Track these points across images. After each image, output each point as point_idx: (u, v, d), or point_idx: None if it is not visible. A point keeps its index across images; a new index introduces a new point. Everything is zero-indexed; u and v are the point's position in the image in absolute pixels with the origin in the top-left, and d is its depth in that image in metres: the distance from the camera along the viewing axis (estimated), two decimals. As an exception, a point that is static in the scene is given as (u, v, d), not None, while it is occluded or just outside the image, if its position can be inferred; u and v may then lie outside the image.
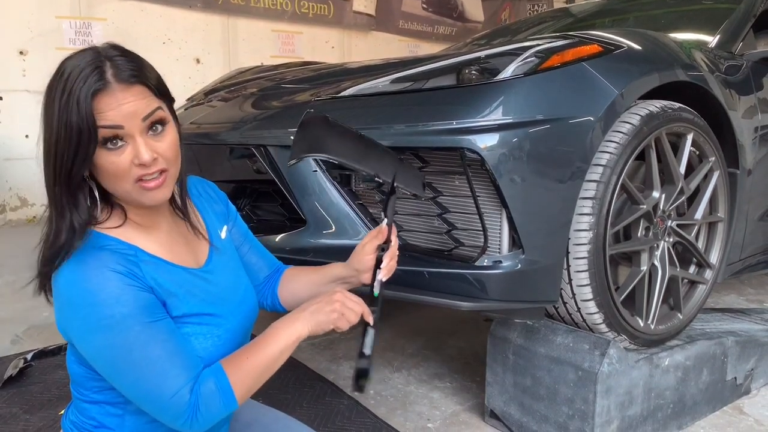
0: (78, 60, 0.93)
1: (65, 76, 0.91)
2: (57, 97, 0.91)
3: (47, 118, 0.93)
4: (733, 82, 2.11)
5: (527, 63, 1.57)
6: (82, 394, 1.08)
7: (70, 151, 0.91)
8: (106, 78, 0.92)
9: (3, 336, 2.62)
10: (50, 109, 0.92)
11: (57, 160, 0.92)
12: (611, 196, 1.61)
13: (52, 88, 0.93)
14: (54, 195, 0.95)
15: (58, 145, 0.91)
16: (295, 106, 1.84)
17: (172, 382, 0.95)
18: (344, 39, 7.32)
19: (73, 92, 0.90)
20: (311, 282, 1.30)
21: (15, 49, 5.25)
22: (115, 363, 0.95)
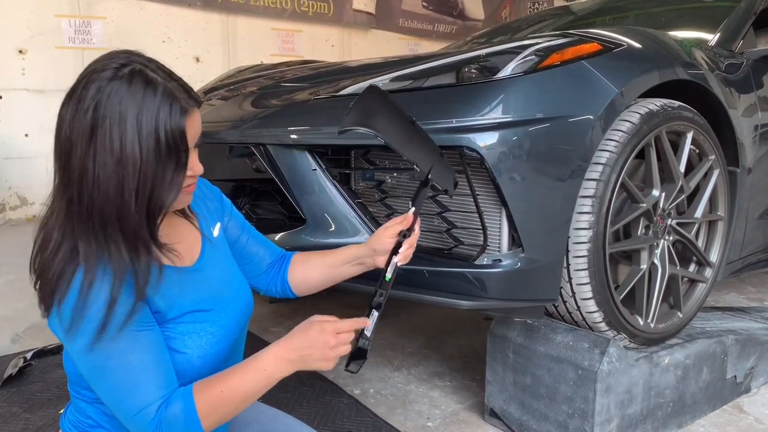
0: (136, 83, 0.91)
1: (131, 99, 0.90)
2: (132, 125, 0.89)
3: (111, 145, 0.89)
4: (733, 80, 2.11)
5: (527, 61, 1.57)
6: (80, 393, 1.08)
7: (164, 182, 0.92)
8: (183, 105, 0.93)
9: (3, 335, 2.61)
10: (121, 137, 0.89)
11: (143, 192, 0.91)
12: (611, 195, 1.61)
13: (107, 107, 0.89)
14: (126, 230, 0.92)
15: (144, 177, 0.90)
16: (294, 104, 1.84)
17: (141, 397, 0.94)
18: (344, 37, 7.31)
19: (161, 119, 0.90)
20: (325, 265, 1.29)
21: (14, 47, 5.25)
22: (93, 366, 0.95)
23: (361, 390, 2.11)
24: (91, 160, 0.89)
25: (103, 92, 0.90)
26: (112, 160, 0.89)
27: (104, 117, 0.89)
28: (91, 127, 0.89)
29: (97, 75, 0.91)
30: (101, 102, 0.89)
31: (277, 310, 2.92)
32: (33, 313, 2.87)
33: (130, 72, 0.92)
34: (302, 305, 2.95)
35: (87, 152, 0.89)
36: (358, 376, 2.21)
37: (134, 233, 0.92)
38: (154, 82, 0.92)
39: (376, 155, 1.69)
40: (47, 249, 0.94)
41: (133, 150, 0.89)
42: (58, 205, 0.96)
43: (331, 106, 1.73)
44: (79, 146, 0.90)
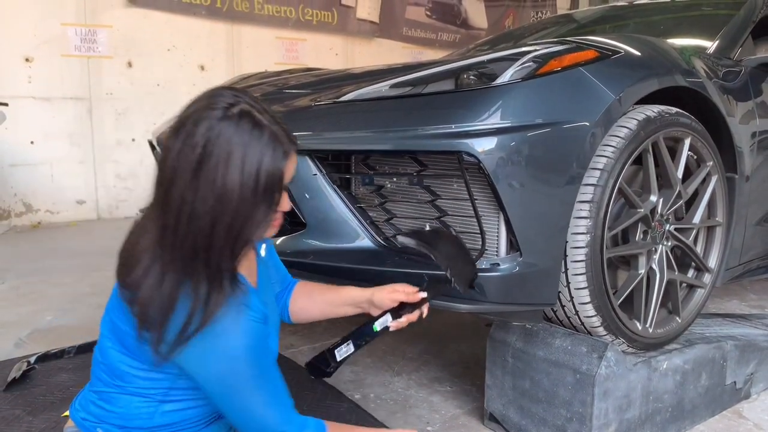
0: (244, 124, 0.95)
1: (242, 143, 0.94)
2: (236, 164, 0.94)
3: (214, 182, 0.94)
4: (731, 87, 2.12)
5: (525, 68, 1.59)
6: (119, 386, 1.10)
7: (255, 220, 0.97)
8: (285, 148, 0.99)
9: (7, 339, 2.63)
10: (225, 175, 0.94)
11: (234, 228, 0.96)
12: (608, 200, 1.62)
13: (218, 144, 0.94)
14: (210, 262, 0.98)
15: (238, 214, 0.95)
16: (295, 110, 1.86)
17: (282, 406, 1.08)
18: (348, 46, 7.36)
19: (263, 163, 0.95)
20: (325, 301, 1.36)
21: (21, 56, 5.30)
22: (227, 387, 1.02)
23: (361, 395, 2.12)
24: (192, 192, 0.94)
25: (212, 131, 0.94)
26: (212, 196, 0.94)
27: (211, 154, 0.94)
28: (197, 162, 0.94)
29: (207, 113, 0.96)
30: (210, 140, 0.94)
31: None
32: (36, 318, 2.91)
33: (239, 113, 0.96)
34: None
35: (189, 185, 0.94)
36: (358, 381, 2.22)
37: (217, 265, 0.98)
38: (261, 125, 0.97)
39: (376, 160, 1.71)
40: (136, 269, 0.99)
41: (234, 188, 0.94)
42: (151, 228, 1.00)
43: (332, 111, 1.75)
44: (182, 178, 0.95)
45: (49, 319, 2.88)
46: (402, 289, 1.31)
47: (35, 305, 3.10)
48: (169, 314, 0.97)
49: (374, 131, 1.61)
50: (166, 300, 0.97)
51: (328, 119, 1.73)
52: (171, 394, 1.09)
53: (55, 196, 5.61)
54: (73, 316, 2.93)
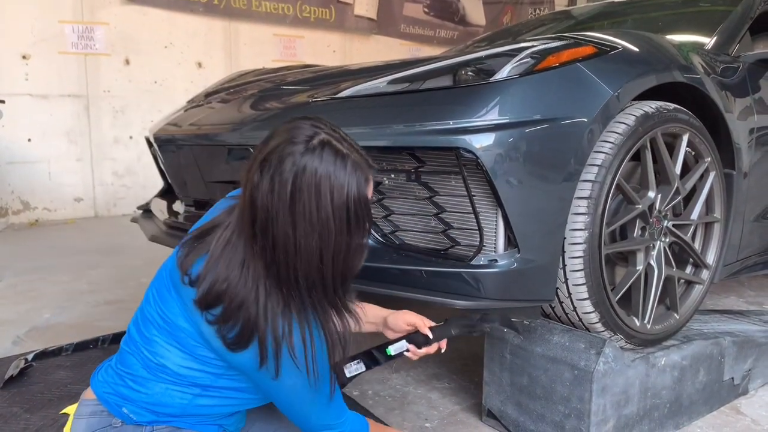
0: (327, 156, 0.99)
1: (327, 175, 0.98)
2: (326, 196, 0.98)
3: (310, 215, 0.98)
4: (729, 84, 2.12)
5: (523, 64, 1.58)
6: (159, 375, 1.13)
7: (354, 247, 1.03)
8: (366, 175, 1.03)
9: (4, 337, 2.63)
10: (318, 207, 0.98)
11: (339, 257, 1.02)
12: (606, 196, 1.62)
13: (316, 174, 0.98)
14: (327, 294, 1.05)
15: (339, 243, 1.01)
16: (293, 107, 1.85)
17: (335, 410, 1.19)
18: (346, 43, 7.35)
19: (351, 191, 0.99)
20: None
21: (18, 53, 5.29)
22: (296, 397, 1.12)
23: (359, 391, 2.12)
24: (292, 228, 0.98)
25: (298, 165, 0.98)
26: (312, 229, 0.98)
27: (301, 189, 0.97)
28: (290, 198, 0.97)
29: (290, 149, 0.99)
30: (297, 175, 0.97)
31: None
32: (34, 316, 2.91)
33: (320, 144, 1.00)
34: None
35: (288, 221, 0.98)
36: (357, 378, 2.21)
37: (333, 296, 1.05)
38: (343, 155, 1.00)
39: (373, 157, 1.70)
40: (250, 304, 1.03)
41: (329, 219, 0.98)
42: (251, 265, 1.04)
43: (329, 108, 1.75)
44: (281, 215, 0.98)
45: (46, 317, 2.87)
46: (419, 320, 1.37)
47: (33, 303, 3.09)
48: (281, 343, 1.04)
49: (372, 127, 1.60)
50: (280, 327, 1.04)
51: (326, 115, 1.70)
52: (209, 391, 1.14)
53: (53, 193, 5.60)
54: (71, 314, 2.92)
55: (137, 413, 1.13)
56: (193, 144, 2.00)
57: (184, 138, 2.01)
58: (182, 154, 2.15)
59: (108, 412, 1.14)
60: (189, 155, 2.04)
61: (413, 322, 1.35)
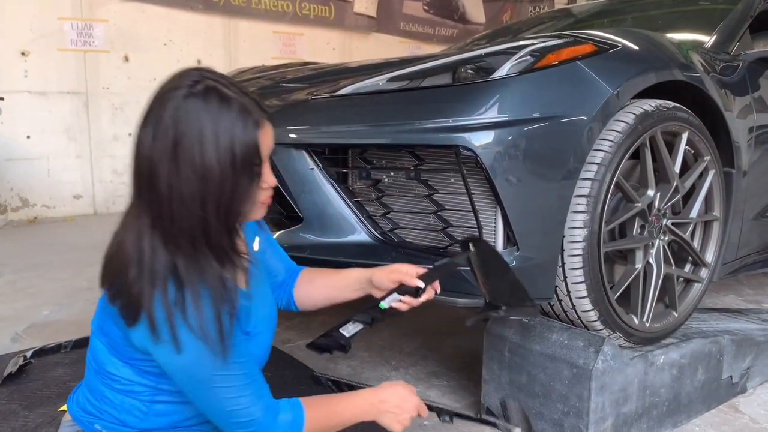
0: (211, 99, 0.94)
1: (211, 118, 0.93)
2: (210, 140, 0.93)
3: (192, 161, 0.93)
4: (728, 82, 2.12)
5: (522, 62, 1.58)
6: (109, 384, 1.09)
7: (239, 194, 0.96)
8: (256, 118, 0.97)
9: (3, 334, 2.63)
10: (201, 153, 0.93)
11: (222, 204, 0.95)
12: (606, 194, 1.62)
13: (188, 121, 0.93)
14: (212, 243, 0.97)
15: (223, 190, 0.94)
16: (292, 104, 1.85)
17: (245, 400, 1.02)
18: (345, 41, 7.34)
19: (236, 135, 0.94)
20: (328, 286, 1.35)
21: (17, 50, 5.27)
22: (196, 381, 1.00)
23: (358, 389, 2.12)
24: (176, 176, 0.93)
25: (180, 110, 0.93)
26: (194, 176, 0.93)
27: (183, 134, 0.93)
28: (173, 145, 0.93)
29: (172, 94, 0.95)
30: (180, 120, 0.93)
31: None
32: (33, 313, 2.90)
33: (205, 89, 0.95)
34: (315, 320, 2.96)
35: (171, 170, 0.93)
36: (355, 376, 2.22)
37: (218, 245, 0.97)
38: (228, 98, 0.95)
39: (373, 154, 1.71)
40: (133, 266, 0.96)
41: (212, 165, 0.93)
42: (137, 224, 0.98)
43: (329, 105, 1.75)
44: (163, 165, 0.93)
45: (45, 314, 2.87)
46: (403, 270, 1.27)
47: (32, 300, 3.09)
48: (172, 309, 0.95)
49: (371, 125, 1.60)
50: (169, 290, 0.95)
51: (325, 113, 1.73)
52: (159, 395, 1.08)
53: (52, 191, 5.59)
54: (70, 311, 2.92)
55: (109, 428, 1.10)
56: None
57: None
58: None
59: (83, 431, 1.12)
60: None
61: (398, 279, 1.26)
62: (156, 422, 1.09)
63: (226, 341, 0.97)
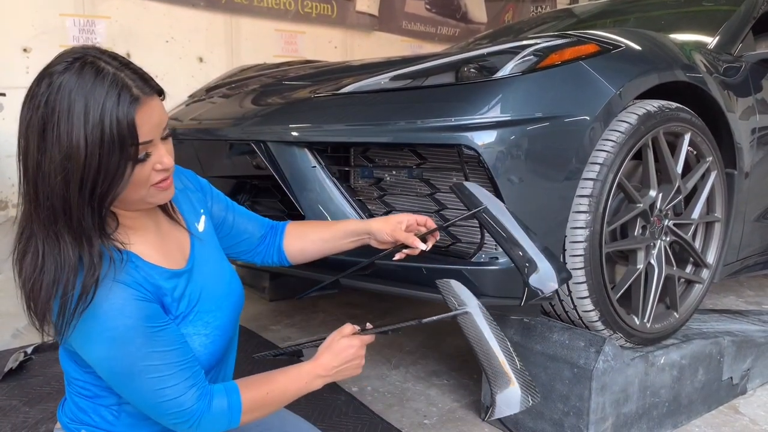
0: (86, 74, 0.89)
1: (79, 89, 0.87)
2: (76, 112, 0.87)
3: (59, 138, 0.87)
4: (731, 83, 2.12)
5: (525, 61, 1.58)
6: (77, 390, 1.08)
7: (108, 174, 0.89)
8: (134, 93, 0.90)
9: (4, 330, 2.63)
10: (66, 124, 0.87)
11: (86, 184, 0.88)
12: (608, 195, 1.62)
13: (57, 100, 0.87)
14: (72, 223, 0.90)
15: (89, 169, 0.88)
16: (295, 102, 1.85)
17: (172, 391, 0.96)
18: (347, 39, 7.33)
19: (107, 109, 0.87)
20: (322, 239, 1.31)
21: (19, 46, 5.27)
22: (116, 372, 0.95)
23: (358, 387, 2.12)
24: (42, 154, 0.88)
25: (53, 86, 0.88)
26: (59, 155, 0.87)
27: (54, 111, 0.87)
28: (42, 122, 0.88)
29: (49, 70, 0.90)
30: (51, 96, 0.88)
31: (276, 309, 2.93)
32: (34, 308, 2.88)
33: (81, 64, 0.90)
34: (301, 303, 2.97)
35: (39, 147, 0.88)
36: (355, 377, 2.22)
37: (79, 225, 0.90)
38: (104, 72, 0.89)
39: (375, 153, 1.70)
40: (18, 252, 0.93)
41: (79, 142, 0.86)
42: (23, 206, 0.94)
43: (331, 104, 1.75)
44: (32, 142, 0.89)
45: (46, 310, 2.87)
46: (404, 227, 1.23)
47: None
48: (51, 293, 0.90)
49: (373, 124, 1.60)
50: (46, 277, 0.90)
51: (328, 111, 1.72)
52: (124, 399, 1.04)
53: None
54: (71, 308, 2.92)
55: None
56: (194, 138, 2.00)
57: (184, 132, 2.01)
58: (183, 149, 2.14)
59: None
60: (190, 150, 2.03)
61: (400, 240, 1.22)
62: (134, 425, 1.06)
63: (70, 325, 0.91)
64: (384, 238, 1.24)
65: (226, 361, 1.19)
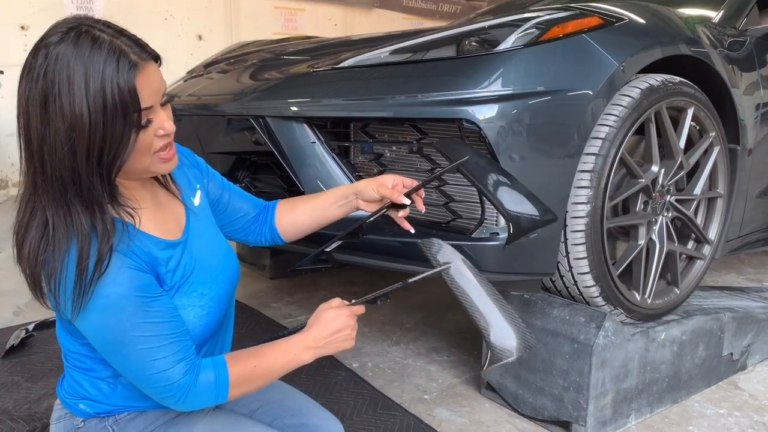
0: (82, 43, 0.88)
1: (78, 58, 0.87)
2: (77, 81, 0.87)
3: (62, 109, 0.87)
4: (736, 58, 2.09)
5: (527, 34, 1.56)
6: (74, 364, 1.08)
7: (114, 142, 0.89)
8: (133, 59, 0.90)
9: (5, 308, 2.64)
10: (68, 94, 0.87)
11: (93, 152, 0.89)
12: (609, 170, 1.61)
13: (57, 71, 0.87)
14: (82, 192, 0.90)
15: (94, 137, 0.88)
16: (294, 77, 1.83)
17: (160, 363, 0.96)
18: (347, 16, 7.26)
19: (107, 76, 0.87)
20: (312, 209, 1.31)
21: (16, 24, 5.23)
22: (107, 341, 0.96)
23: (359, 363, 2.13)
24: (46, 126, 0.88)
25: (50, 57, 0.88)
26: (63, 125, 0.87)
27: (53, 82, 0.87)
28: (43, 94, 0.88)
29: (44, 42, 0.90)
30: (49, 67, 0.88)
31: (277, 286, 2.93)
32: (35, 286, 2.88)
33: (77, 33, 0.89)
34: (302, 281, 2.97)
35: (42, 120, 0.88)
36: (356, 350, 2.22)
37: (89, 194, 0.91)
38: (101, 40, 0.89)
39: (375, 128, 1.69)
40: (20, 227, 0.94)
41: (82, 111, 0.87)
42: (25, 181, 0.94)
43: (330, 78, 1.73)
44: (34, 115, 0.89)
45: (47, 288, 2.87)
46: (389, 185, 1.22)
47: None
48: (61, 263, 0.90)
49: (373, 98, 1.58)
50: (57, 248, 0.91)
51: (327, 86, 1.71)
52: None
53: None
54: (72, 285, 2.93)
55: (93, 405, 1.08)
56: (192, 114, 1.98)
57: (183, 108, 1.99)
58: (181, 125, 2.13)
59: (71, 414, 1.10)
60: (188, 126, 2.02)
61: (385, 195, 1.21)
62: (130, 397, 1.07)
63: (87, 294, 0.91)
64: (371, 195, 1.23)
65: (222, 335, 1.19)
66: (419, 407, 1.85)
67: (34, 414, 1.74)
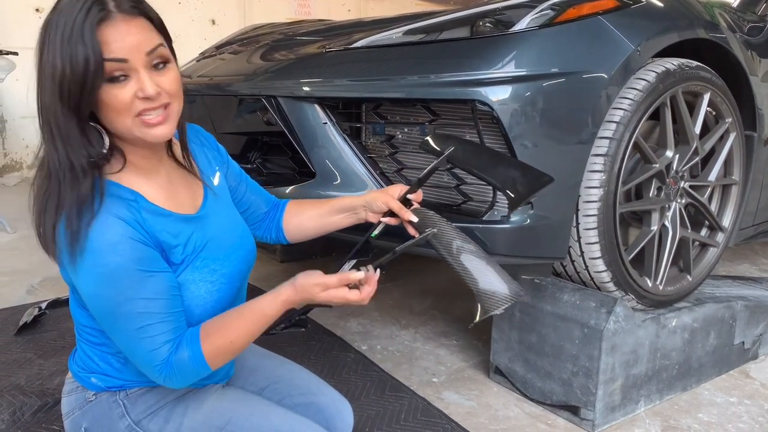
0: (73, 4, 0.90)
1: (64, 9, 0.90)
2: (57, 31, 0.89)
3: (47, 54, 0.91)
4: (755, 43, 2.06)
5: (543, 15, 1.54)
6: (86, 338, 1.10)
7: (76, 86, 0.90)
8: (108, 8, 0.90)
9: (19, 286, 2.66)
10: (51, 44, 0.90)
11: (63, 95, 0.91)
12: (623, 154, 1.59)
13: (49, 23, 0.91)
14: (59, 134, 0.93)
15: (63, 80, 0.90)
16: (306, 57, 1.82)
17: (149, 342, 0.97)
18: (360, 1, 7.24)
19: (76, 24, 0.88)
20: (319, 214, 1.32)
21: (31, 6, 5.24)
22: (102, 312, 0.97)
23: (368, 346, 2.13)
24: (42, 88, 0.93)
25: (44, 23, 0.92)
26: (48, 79, 0.91)
27: (43, 43, 0.92)
28: (38, 58, 0.93)
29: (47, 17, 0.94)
30: (43, 33, 0.92)
31: (287, 270, 2.94)
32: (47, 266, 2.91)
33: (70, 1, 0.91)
34: (311, 265, 2.96)
35: (39, 83, 0.93)
36: (365, 333, 2.23)
37: (75, 141, 0.94)
38: None
39: (387, 109, 1.68)
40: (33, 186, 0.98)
41: (56, 61, 0.90)
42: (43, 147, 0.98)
43: (343, 58, 1.72)
44: (37, 82, 0.94)
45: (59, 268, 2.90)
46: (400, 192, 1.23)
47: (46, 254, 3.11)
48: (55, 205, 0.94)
49: (386, 79, 1.57)
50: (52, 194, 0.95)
51: (339, 66, 1.70)
52: None
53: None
54: (84, 266, 2.95)
55: (104, 379, 1.09)
56: (204, 94, 1.98)
57: (195, 89, 1.99)
58: (194, 107, 2.13)
59: (82, 387, 1.11)
60: (200, 107, 2.02)
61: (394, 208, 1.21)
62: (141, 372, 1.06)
63: None
64: (379, 207, 1.23)
65: None
66: (427, 390, 1.85)
67: (46, 390, 1.76)
